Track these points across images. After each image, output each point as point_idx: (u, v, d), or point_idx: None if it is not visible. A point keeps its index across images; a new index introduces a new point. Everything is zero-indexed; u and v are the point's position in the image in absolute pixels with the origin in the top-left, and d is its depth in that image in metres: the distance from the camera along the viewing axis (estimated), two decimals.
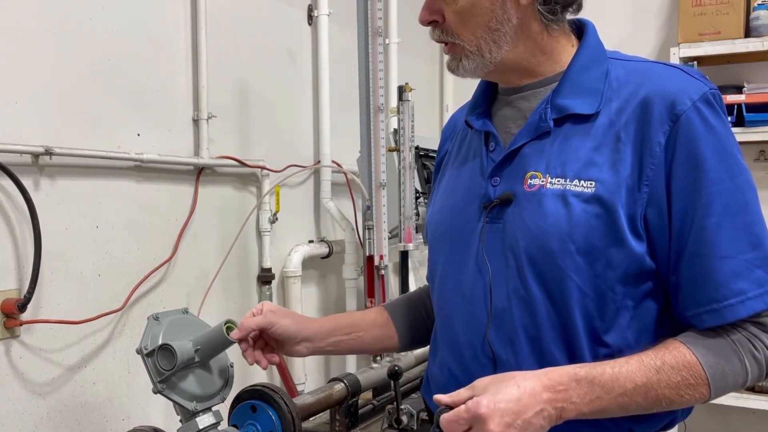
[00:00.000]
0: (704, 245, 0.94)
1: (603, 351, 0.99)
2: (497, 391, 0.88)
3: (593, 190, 0.96)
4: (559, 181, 0.99)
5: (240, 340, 1.19)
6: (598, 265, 0.97)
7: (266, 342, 1.23)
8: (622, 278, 0.98)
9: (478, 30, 1.02)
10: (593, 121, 0.99)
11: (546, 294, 1.00)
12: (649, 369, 0.93)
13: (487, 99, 1.15)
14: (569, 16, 1.08)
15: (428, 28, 1.08)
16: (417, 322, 1.35)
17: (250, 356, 1.20)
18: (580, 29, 1.10)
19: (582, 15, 1.12)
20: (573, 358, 0.99)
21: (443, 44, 1.08)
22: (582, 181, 0.97)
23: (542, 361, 1.00)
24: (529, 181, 1.02)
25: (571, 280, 0.98)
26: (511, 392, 0.88)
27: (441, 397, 0.92)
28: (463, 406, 0.89)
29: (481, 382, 0.92)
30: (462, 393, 0.91)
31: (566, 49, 1.06)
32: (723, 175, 0.94)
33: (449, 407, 0.90)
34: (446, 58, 1.09)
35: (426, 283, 1.31)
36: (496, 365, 1.03)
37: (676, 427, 1.13)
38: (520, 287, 1.01)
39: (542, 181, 1.00)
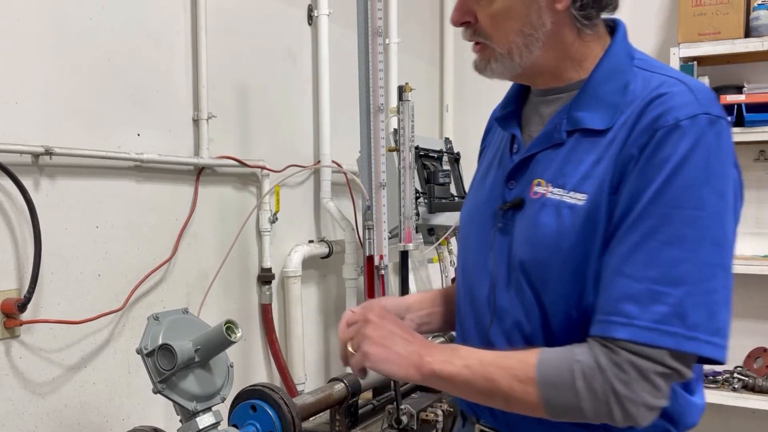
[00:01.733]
0: (618, 258, 0.92)
1: None
2: (389, 318, 1.04)
3: (583, 202, 0.96)
4: (558, 191, 0.99)
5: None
6: (582, 275, 0.97)
7: None
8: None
9: (511, 34, 1.01)
10: (603, 136, 0.98)
11: (536, 300, 1.01)
12: (497, 355, 0.98)
13: (518, 98, 1.15)
14: (605, 15, 1.06)
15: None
16: None
17: None
18: (612, 29, 1.08)
19: None
20: None
21: (473, 43, 1.07)
22: (577, 194, 0.97)
23: None
24: (535, 188, 1.03)
25: (555, 290, 0.99)
26: (397, 324, 1.04)
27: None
28: (359, 314, 1.06)
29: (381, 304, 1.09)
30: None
31: (595, 53, 1.04)
32: (668, 201, 0.89)
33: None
34: (474, 56, 1.07)
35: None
36: None
37: None
38: (518, 291, 1.03)
39: (545, 190, 1.01)
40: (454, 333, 1.23)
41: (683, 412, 1.02)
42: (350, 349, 1.04)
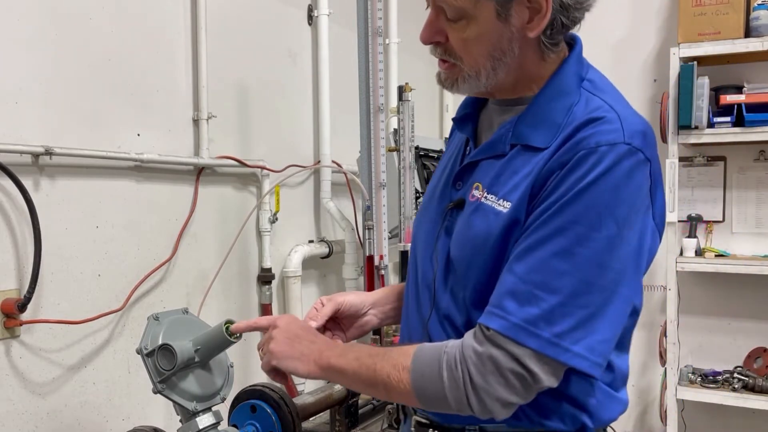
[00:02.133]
0: (514, 257, 0.99)
1: None
2: (296, 323, 1.15)
3: (507, 210, 1.01)
4: (492, 197, 1.04)
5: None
6: (497, 277, 1.02)
7: (330, 329, 1.28)
8: None
9: (481, 58, 1.04)
10: (540, 152, 1.02)
11: (462, 296, 1.08)
12: (383, 348, 1.09)
13: (476, 101, 1.19)
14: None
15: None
16: None
17: None
18: (571, 42, 1.11)
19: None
20: None
21: (440, 61, 1.10)
22: (505, 201, 1.02)
23: None
24: (473, 191, 1.08)
25: (475, 288, 1.05)
26: (303, 328, 1.15)
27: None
28: (269, 322, 1.17)
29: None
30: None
31: (551, 70, 1.07)
32: (568, 215, 0.95)
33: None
34: (440, 72, 1.11)
35: None
36: None
37: None
38: (451, 286, 1.10)
39: (480, 195, 1.06)
40: None
41: (601, 407, 1.07)
42: (260, 353, 1.15)
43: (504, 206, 1.02)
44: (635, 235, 0.98)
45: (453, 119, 1.22)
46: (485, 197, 1.05)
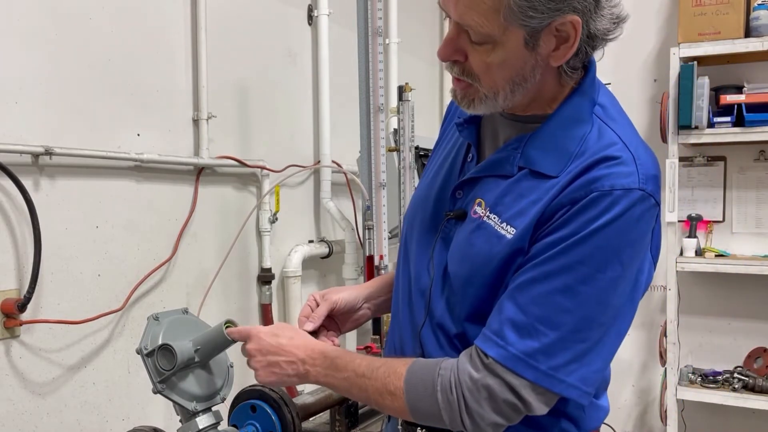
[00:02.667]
0: (517, 286, 0.99)
1: None
2: (267, 343, 1.14)
3: (511, 236, 1.01)
4: (494, 218, 1.04)
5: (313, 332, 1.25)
6: (495, 298, 1.03)
7: (325, 326, 1.28)
8: None
9: (501, 81, 1.01)
10: (550, 180, 1.01)
11: (459, 310, 1.08)
12: (370, 366, 1.06)
13: None
14: None
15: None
16: None
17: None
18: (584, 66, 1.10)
19: None
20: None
21: (455, 79, 1.06)
22: (509, 226, 1.02)
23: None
24: (476, 207, 1.07)
25: (472, 305, 1.06)
26: (280, 341, 1.13)
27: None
28: (248, 329, 1.17)
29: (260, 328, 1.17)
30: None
31: (565, 93, 1.06)
32: (577, 255, 0.95)
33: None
34: (456, 90, 1.07)
35: None
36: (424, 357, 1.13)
37: None
38: (447, 298, 1.10)
39: (483, 213, 1.06)
40: None
41: (586, 416, 1.10)
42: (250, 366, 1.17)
43: (509, 231, 1.01)
44: (635, 271, 1.00)
45: (456, 123, 1.18)
46: (488, 216, 1.04)
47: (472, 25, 0.97)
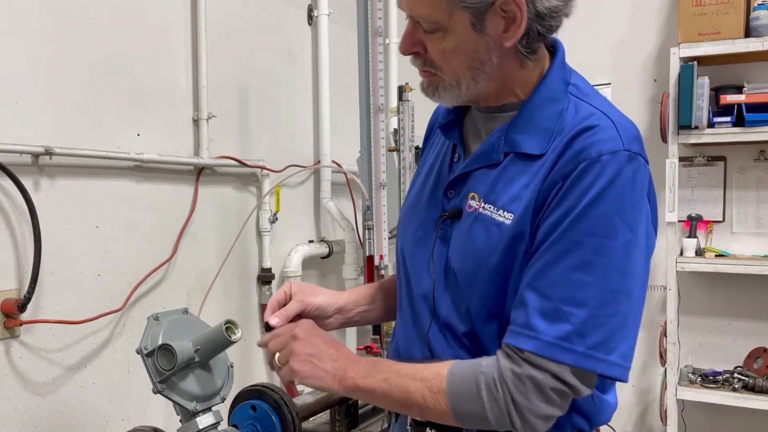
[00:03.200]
0: (533, 275, 0.99)
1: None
2: (316, 334, 1.11)
3: (510, 222, 1.01)
4: (490, 207, 1.04)
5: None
6: (504, 289, 1.03)
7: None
8: None
9: (460, 68, 1.04)
10: (537, 160, 1.02)
11: (466, 306, 1.08)
12: (413, 368, 1.04)
13: (460, 107, 1.19)
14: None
15: None
16: None
17: None
18: (553, 48, 1.12)
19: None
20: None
21: (421, 71, 1.10)
22: (505, 212, 1.02)
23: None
24: (470, 201, 1.08)
25: (480, 300, 1.05)
26: (326, 338, 1.11)
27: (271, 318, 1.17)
28: (285, 328, 1.13)
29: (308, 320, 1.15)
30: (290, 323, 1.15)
31: (534, 78, 1.08)
32: (582, 228, 0.95)
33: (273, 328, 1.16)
34: (422, 81, 1.11)
35: None
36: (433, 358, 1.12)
37: None
38: (452, 296, 1.10)
39: (477, 205, 1.06)
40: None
41: (597, 411, 1.09)
42: (277, 361, 1.11)
43: (506, 218, 1.02)
44: (643, 235, 1.00)
45: (438, 125, 1.22)
46: (483, 207, 1.05)
47: (421, 14, 1.01)
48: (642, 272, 1.00)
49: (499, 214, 1.03)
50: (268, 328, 1.16)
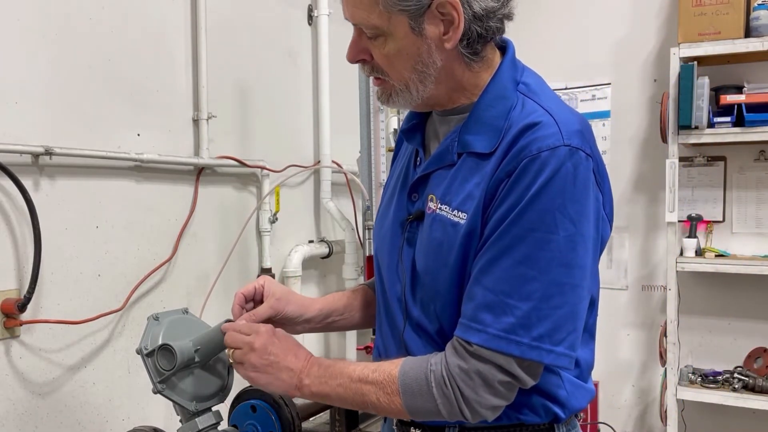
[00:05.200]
0: (479, 270, 1.01)
1: None
2: (274, 342, 1.12)
3: (464, 221, 1.04)
4: (446, 208, 1.07)
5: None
6: (463, 286, 1.05)
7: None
8: None
9: (405, 72, 1.06)
10: (488, 159, 1.05)
11: (432, 306, 1.10)
12: (363, 371, 1.08)
13: (421, 112, 1.21)
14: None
15: None
16: None
17: None
18: (504, 48, 1.14)
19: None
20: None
21: (373, 79, 1.13)
22: (459, 212, 1.05)
23: None
24: (429, 203, 1.10)
25: (444, 298, 1.07)
26: (284, 347, 1.13)
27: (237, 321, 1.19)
28: (247, 328, 1.14)
29: (268, 327, 1.15)
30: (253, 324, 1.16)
31: (484, 79, 1.10)
32: (525, 223, 0.98)
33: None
34: (377, 89, 1.14)
35: None
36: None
37: None
38: (420, 297, 1.12)
39: (435, 206, 1.09)
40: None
41: (571, 397, 1.12)
42: (233, 359, 1.14)
43: (460, 217, 1.04)
44: (590, 228, 1.01)
45: (401, 130, 1.24)
46: (440, 208, 1.08)
47: (362, 21, 1.05)
48: (587, 264, 1.01)
49: (454, 215, 1.05)
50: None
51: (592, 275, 1.05)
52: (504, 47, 1.13)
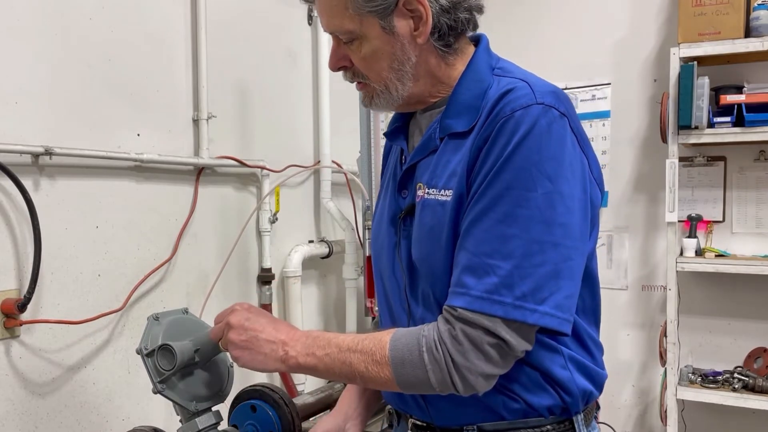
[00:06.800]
0: (463, 235, 1.01)
1: None
2: (250, 317, 1.12)
3: (450, 198, 1.05)
4: (433, 191, 1.08)
5: None
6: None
7: None
8: None
9: (383, 72, 1.09)
10: (467, 136, 1.06)
11: (432, 293, 1.10)
12: (354, 339, 1.06)
13: (404, 113, 1.23)
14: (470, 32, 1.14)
15: None
16: None
17: None
18: (478, 42, 1.16)
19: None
20: None
21: (356, 83, 1.16)
22: (446, 191, 1.06)
23: None
24: (418, 191, 1.12)
25: (442, 281, 1.06)
26: (261, 321, 1.12)
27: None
28: (221, 314, 1.16)
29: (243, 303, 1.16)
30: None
31: (460, 71, 1.12)
32: (501, 182, 0.98)
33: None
34: (360, 94, 1.18)
35: None
36: None
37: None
38: (421, 289, 1.12)
39: (423, 192, 1.10)
40: None
41: (597, 380, 1.13)
42: (222, 345, 1.16)
43: (447, 195, 1.05)
44: (575, 187, 1.01)
45: (384, 134, 1.26)
46: (427, 192, 1.08)
47: (336, 28, 1.08)
48: (573, 223, 1.00)
49: (441, 194, 1.06)
50: None
51: (582, 237, 1.03)
52: (478, 41, 1.15)
